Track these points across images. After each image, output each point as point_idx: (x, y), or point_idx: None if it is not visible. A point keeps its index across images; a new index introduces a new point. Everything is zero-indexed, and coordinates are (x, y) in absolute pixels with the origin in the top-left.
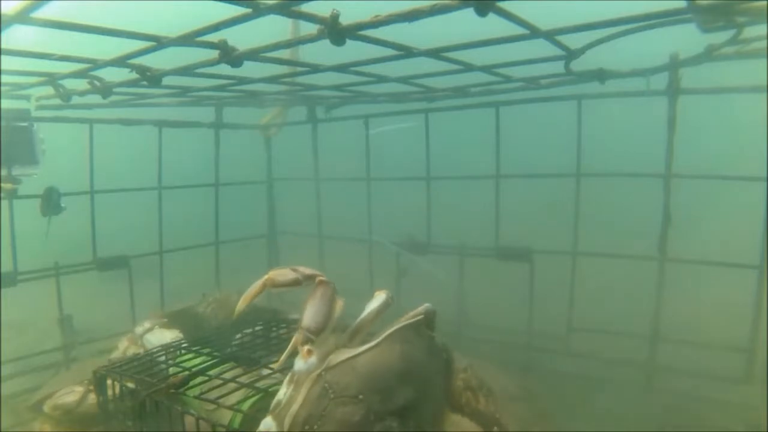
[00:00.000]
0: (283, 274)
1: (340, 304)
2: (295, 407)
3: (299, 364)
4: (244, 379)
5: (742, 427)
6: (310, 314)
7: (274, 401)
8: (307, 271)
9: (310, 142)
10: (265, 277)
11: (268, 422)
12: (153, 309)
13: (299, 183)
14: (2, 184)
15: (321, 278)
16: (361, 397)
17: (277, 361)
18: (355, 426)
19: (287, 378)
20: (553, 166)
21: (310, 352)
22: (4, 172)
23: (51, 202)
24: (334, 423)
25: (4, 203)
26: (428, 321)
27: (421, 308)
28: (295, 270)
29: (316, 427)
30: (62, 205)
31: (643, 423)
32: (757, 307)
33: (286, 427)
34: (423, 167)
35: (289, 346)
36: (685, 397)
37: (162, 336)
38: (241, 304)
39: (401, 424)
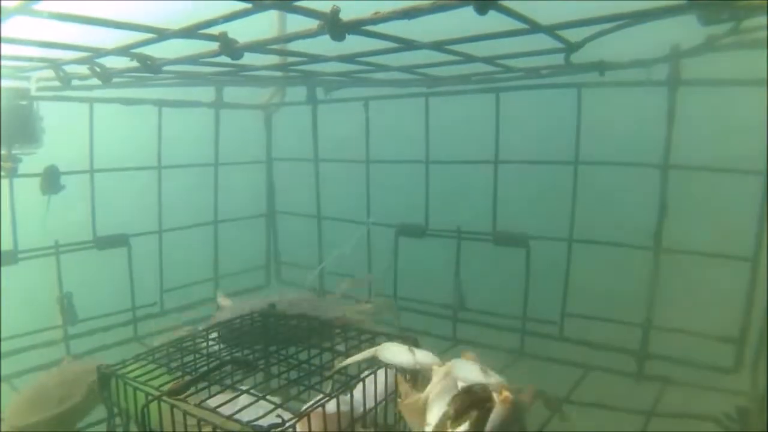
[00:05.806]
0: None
1: None
2: None
3: None
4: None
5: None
6: None
7: None
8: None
9: (309, 122)
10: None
11: None
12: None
13: (298, 163)
14: (2, 163)
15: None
16: None
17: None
18: None
19: None
20: (552, 152)
21: None
22: (4, 151)
23: (51, 181)
24: None
25: (4, 182)
26: None
27: None
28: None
29: None
30: (62, 184)
31: (634, 409)
32: (748, 299)
33: None
34: (422, 151)
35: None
36: (676, 384)
37: None
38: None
39: None
